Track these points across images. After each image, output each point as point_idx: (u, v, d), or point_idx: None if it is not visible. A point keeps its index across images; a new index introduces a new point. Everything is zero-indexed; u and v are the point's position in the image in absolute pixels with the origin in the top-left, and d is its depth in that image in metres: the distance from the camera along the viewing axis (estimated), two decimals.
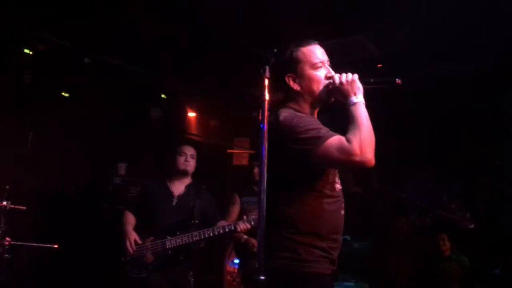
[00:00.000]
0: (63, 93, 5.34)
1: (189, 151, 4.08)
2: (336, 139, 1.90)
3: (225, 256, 5.55)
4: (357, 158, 1.86)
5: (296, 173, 1.98)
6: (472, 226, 5.96)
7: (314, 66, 2.12)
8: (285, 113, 2.03)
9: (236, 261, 5.02)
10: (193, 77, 5.93)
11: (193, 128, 6.95)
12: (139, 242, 3.77)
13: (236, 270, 5.08)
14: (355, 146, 1.86)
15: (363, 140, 1.88)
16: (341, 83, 2.05)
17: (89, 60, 5.04)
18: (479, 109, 5.96)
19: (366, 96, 2.06)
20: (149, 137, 5.88)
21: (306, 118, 2.00)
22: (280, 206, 1.97)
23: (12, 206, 3.81)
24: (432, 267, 5.20)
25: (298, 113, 2.05)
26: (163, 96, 6.31)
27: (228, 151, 7.20)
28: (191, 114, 6.94)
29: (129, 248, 3.72)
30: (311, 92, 2.12)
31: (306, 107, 2.14)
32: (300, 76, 2.12)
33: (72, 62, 4.98)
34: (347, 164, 1.90)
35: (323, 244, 2.01)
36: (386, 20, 4.25)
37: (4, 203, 3.77)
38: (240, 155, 7.21)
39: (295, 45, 2.15)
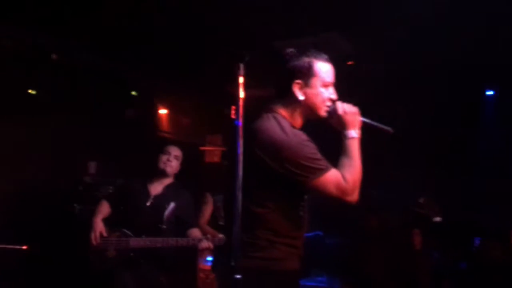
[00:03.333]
0: (30, 91, 5.22)
1: (174, 151, 3.98)
2: (334, 175, 1.97)
3: (197, 254, 5.53)
4: (349, 198, 1.98)
5: (278, 185, 1.99)
6: (439, 219, 6.11)
7: (325, 84, 2.12)
8: (285, 128, 2.01)
9: (209, 258, 5.01)
10: (165, 74, 5.88)
11: (165, 125, 6.89)
12: (105, 234, 3.72)
13: (209, 268, 5.07)
14: (350, 186, 1.97)
15: (356, 180, 2.00)
16: (344, 112, 2.09)
17: (56, 56, 4.93)
18: (452, 106, 6.11)
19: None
20: (119, 135, 5.79)
21: (310, 144, 2.00)
22: (255, 207, 1.98)
23: None
24: (403, 261, 5.30)
25: (298, 132, 2.04)
26: (133, 93, 6.23)
27: (201, 148, 7.17)
28: (163, 111, 6.88)
29: (93, 240, 3.68)
30: (312, 106, 2.11)
31: (299, 119, 2.14)
32: (308, 87, 2.10)
33: (40, 59, 4.86)
34: (337, 200, 1.97)
35: (294, 242, 2.07)
36: (360, 17, 4.30)
37: None
38: (212, 152, 7.19)
39: (312, 56, 2.12)
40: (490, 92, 6.38)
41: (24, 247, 3.95)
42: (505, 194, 6.28)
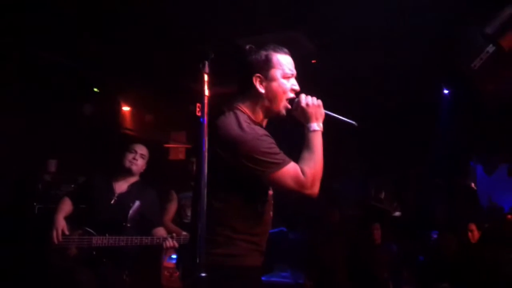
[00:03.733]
0: None
1: (140, 150, 3.95)
2: (292, 169, 1.96)
3: (162, 251, 5.49)
4: (307, 191, 1.97)
5: (238, 181, 2.00)
6: (398, 214, 6.31)
7: (285, 76, 2.11)
8: (242, 123, 1.99)
9: (174, 256, 4.99)
10: (128, 70, 5.79)
11: (128, 122, 6.80)
12: (66, 232, 3.64)
13: (173, 266, 5.04)
14: (309, 180, 1.96)
15: (316, 174, 1.98)
16: (307, 104, 2.09)
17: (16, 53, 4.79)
18: (410, 104, 6.27)
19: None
20: (81, 132, 5.68)
21: (267, 139, 1.99)
22: (216, 204, 1.97)
23: None
24: (363, 255, 5.42)
25: (255, 127, 2.02)
26: (95, 89, 6.12)
27: (165, 145, 7.11)
28: (126, 108, 6.79)
29: (54, 239, 3.60)
30: (274, 98, 2.10)
31: (260, 114, 2.13)
32: (269, 80, 2.09)
33: None
34: (296, 193, 1.97)
35: (254, 238, 2.07)
36: (322, 15, 4.35)
37: None
38: (176, 149, 7.14)
39: (270, 49, 2.13)
40: (446, 91, 6.59)
41: None
42: (460, 189, 6.53)
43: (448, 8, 4.37)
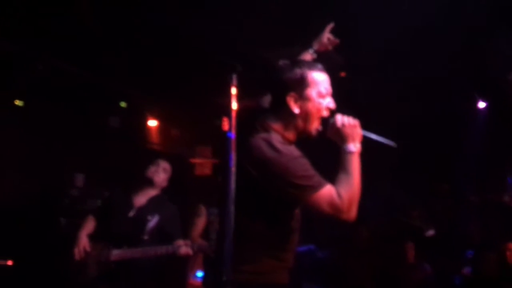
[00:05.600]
0: (16, 102, 5.13)
1: (163, 164, 4.00)
2: (327, 192, 1.89)
3: (187, 269, 5.43)
4: (344, 216, 1.90)
5: (269, 199, 1.94)
6: (432, 233, 6.09)
7: (321, 95, 2.04)
8: (277, 145, 1.93)
9: (199, 274, 4.92)
10: (154, 85, 5.82)
11: (154, 137, 6.82)
12: (88, 250, 3.67)
13: (199, 284, 4.97)
14: (345, 203, 1.88)
15: (353, 198, 1.90)
16: (343, 124, 2.01)
17: (42, 67, 4.85)
18: (438, 117, 6.12)
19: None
20: (108, 147, 5.72)
21: (302, 161, 1.94)
22: (249, 220, 1.92)
23: None
24: (395, 274, 5.26)
25: (290, 148, 1.96)
26: (122, 104, 6.16)
27: (191, 160, 7.09)
28: (152, 123, 6.81)
29: (76, 255, 3.63)
30: (308, 118, 2.02)
31: (292, 134, 2.05)
32: (303, 99, 2.01)
33: (26, 70, 4.78)
34: (331, 218, 1.90)
35: (283, 255, 2.03)
36: (350, 29, 4.30)
37: None
38: (202, 164, 7.11)
39: (305, 66, 2.06)
40: (482, 104, 6.38)
41: (9, 263, 3.82)
42: (495, 206, 6.29)
43: (480, 18, 4.26)
